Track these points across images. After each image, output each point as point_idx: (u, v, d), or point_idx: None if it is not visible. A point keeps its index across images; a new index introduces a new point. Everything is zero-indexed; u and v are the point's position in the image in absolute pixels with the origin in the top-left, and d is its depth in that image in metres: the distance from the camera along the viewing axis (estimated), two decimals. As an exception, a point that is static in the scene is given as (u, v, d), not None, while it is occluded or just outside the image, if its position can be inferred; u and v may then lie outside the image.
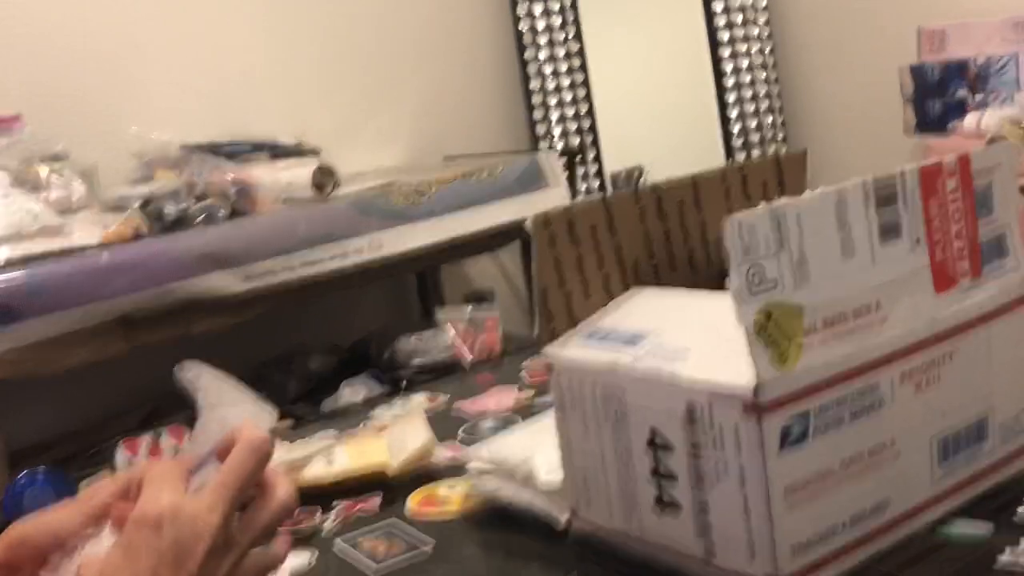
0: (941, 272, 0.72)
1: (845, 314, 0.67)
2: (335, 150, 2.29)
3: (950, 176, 0.73)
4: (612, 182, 2.64)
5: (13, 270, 1.52)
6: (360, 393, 1.69)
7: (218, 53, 2.25)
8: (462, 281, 2.59)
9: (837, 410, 0.66)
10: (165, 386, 0.66)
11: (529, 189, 2.08)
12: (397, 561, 0.81)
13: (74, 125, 2.04)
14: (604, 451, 0.74)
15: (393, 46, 2.50)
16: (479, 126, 2.63)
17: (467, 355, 1.83)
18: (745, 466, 0.64)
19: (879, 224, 0.69)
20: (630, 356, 0.71)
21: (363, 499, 0.95)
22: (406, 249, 1.91)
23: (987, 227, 0.75)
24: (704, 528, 0.68)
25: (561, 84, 2.63)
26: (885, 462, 0.69)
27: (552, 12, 2.62)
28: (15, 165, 1.71)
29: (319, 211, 1.82)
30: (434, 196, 1.96)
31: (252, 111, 2.28)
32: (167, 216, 1.72)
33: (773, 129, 2.74)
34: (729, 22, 2.71)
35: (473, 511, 0.89)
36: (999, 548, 0.69)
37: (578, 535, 0.79)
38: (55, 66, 2.04)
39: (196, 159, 1.89)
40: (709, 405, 0.65)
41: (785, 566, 0.65)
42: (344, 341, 2.27)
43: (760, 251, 0.63)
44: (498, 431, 1.06)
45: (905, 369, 0.70)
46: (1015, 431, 0.78)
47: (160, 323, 1.65)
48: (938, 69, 2.32)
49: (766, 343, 0.63)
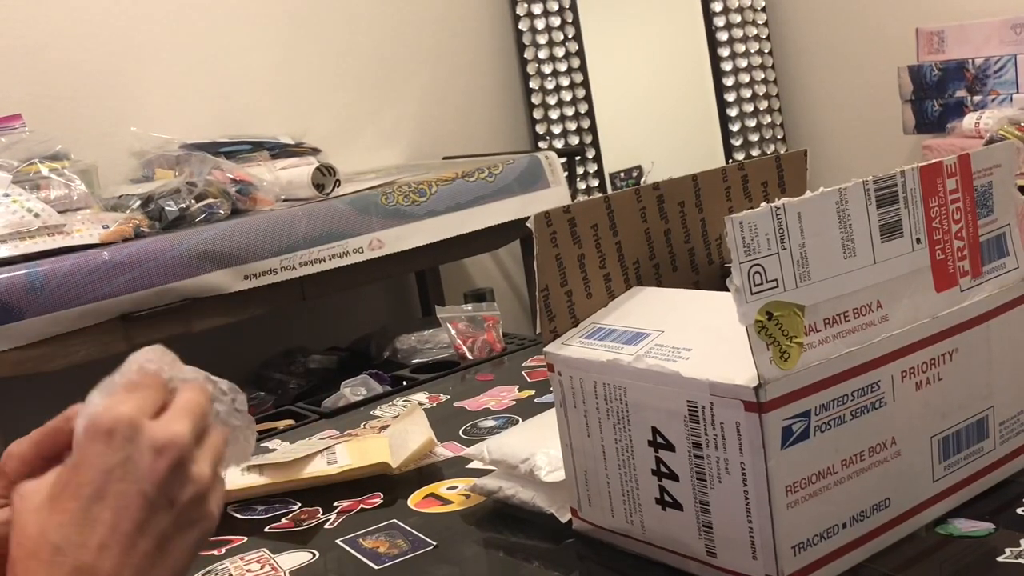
0: (941, 271, 0.72)
1: (846, 313, 0.67)
2: (335, 150, 2.29)
3: (950, 176, 0.73)
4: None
5: (14, 269, 1.52)
6: (360, 392, 1.69)
7: (218, 53, 2.25)
8: (462, 280, 2.59)
9: (838, 409, 0.66)
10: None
11: (529, 189, 2.08)
12: (398, 560, 0.81)
13: (74, 125, 2.04)
14: (605, 450, 0.74)
15: (393, 46, 2.50)
16: (479, 126, 2.64)
17: (467, 354, 1.83)
18: (746, 465, 0.64)
19: (880, 224, 0.69)
20: (631, 355, 0.71)
21: (364, 498, 0.95)
22: (406, 248, 1.91)
23: (987, 227, 0.76)
24: (705, 527, 0.69)
25: (561, 84, 2.63)
26: (886, 461, 0.70)
27: (552, 12, 2.62)
28: (15, 165, 1.71)
29: (319, 210, 1.82)
30: (434, 196, 1.96)
31: (252, 111, 2.29)
32: (167, 215, 1.72)
33: (773, 129, 2.75)
34: (728, 23, 2.71)
35: (474, 510, 0.89)
36: (999, 547, 0.69)
37: (579, 534, 0.80)
38: (55, 66, 2.04)
39: (196, 159, 1.89)
40: (710, 404, 0.65)
41: (786, 565, 0.65)
42: (344, 340, 2.27)
43: (761, 250, 0.63)
44: (499, 430, 1.07)
45: (906, 368, 0.70)
46: (1015, 430, 0.79)
47: (160, 322, 1.65)
48: (937, 70, 2.32)
49: (767, 342, 0.63)
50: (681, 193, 0.86)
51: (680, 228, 0.86)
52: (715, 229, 0.89)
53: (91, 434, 0.54)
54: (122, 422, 0.54)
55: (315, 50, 2.39)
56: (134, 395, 0.56)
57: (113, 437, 0.54)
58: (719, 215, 0.88)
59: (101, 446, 0.54)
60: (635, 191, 0.83)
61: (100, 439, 0.54)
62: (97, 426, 0.54)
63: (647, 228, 0.84)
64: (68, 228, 1.61)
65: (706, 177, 0.87)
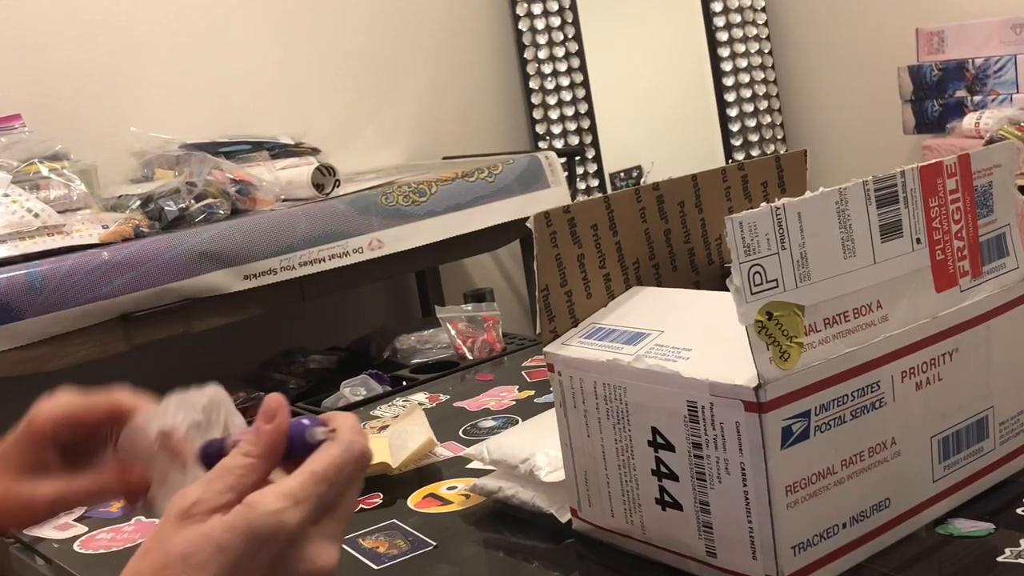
0: (941, 271, 0.72)
1: (846, 313, 0.67)
2: (335, 150, 2.29)
3: (950, 176, 0.73)
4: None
5: (13, 269, 1.52)
6: (360, 392, 1.69)
7: (218, 53, 2.25)
8: (462, 280, 2.59)
9: (838, 409, 0.66)
10: (166, 385, 0.66)
11: (529, 189, 2.08)
12: (398, 560, 0.81)
13: (74, 125, 2.04)
14: (605, 450, 0.74)
15: (393, 46, 2.50)
16: (479, 126, 2.64)
17: (467, 354, 1.83)
18: (746, 465, 0.64)
19: (880, 224, 0.69)
20: (631, 355, 0.71)
21: (364, 498, 0.95)
22: (406, 249, 1.91)
23: (987, 227, 0.76)
24: (705, 527, 0.69)
25: (561, 84, 2.63)
26: (886, 461, 0.70)
27: (552, 12, 2.62)
28: (15, 165, 1.71)
29: (319, 210, 1.82)
30: (434, 196, 1.96)
31: (252, 111, 2.29)
32: (167, 215, 1.72)
33: (773, 129, 2.75)
34: (728, 23, 2.71)
35: (474, 510, 0.89)
36: (999, 547, 0.69)
37: (579, 534, 0.80)
38: (55, 66, 2.04)
39: (196, 159, 1.89)
40: (710, 404, 0.65)
41: (786, 565, 0.65)
42: (344, 340, 2.27)
43: (761, 250, 0.63)
44: (499, 430, 1.07)
45: (906, 368, 0.70)
46: (1015, 430, 0.79)
47: (160, 322, 1.65)
48: (936, 70, 2.32)
49: (767, 342, 0.63)
50: (681, 193, 0.86)
51: (680, 228, 0.86)
52: (715, 229, 0.89)
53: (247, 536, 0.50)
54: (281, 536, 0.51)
55: (315, 50, 2.39)
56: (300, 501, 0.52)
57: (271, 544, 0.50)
58: (719, 215, 0.88)
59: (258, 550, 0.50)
60: (635, 191, 0.83)
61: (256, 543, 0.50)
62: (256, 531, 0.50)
63: (647, 228, 0.84)
64: (68, 228, 1.61)
65: (706, 177, 0.87)
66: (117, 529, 0.98)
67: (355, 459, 0.53)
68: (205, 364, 2.03)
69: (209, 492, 0.52)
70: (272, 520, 0.50)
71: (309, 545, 0.51)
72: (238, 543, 0.49)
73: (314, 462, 0.52)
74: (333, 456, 0.53)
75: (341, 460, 0.53)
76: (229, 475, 0.52)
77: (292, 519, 0.50)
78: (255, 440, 0.54)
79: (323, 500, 0.52)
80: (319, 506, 0.51)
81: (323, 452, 0.53)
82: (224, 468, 0.53)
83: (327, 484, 0.52)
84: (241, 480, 0.52)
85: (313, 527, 0.52)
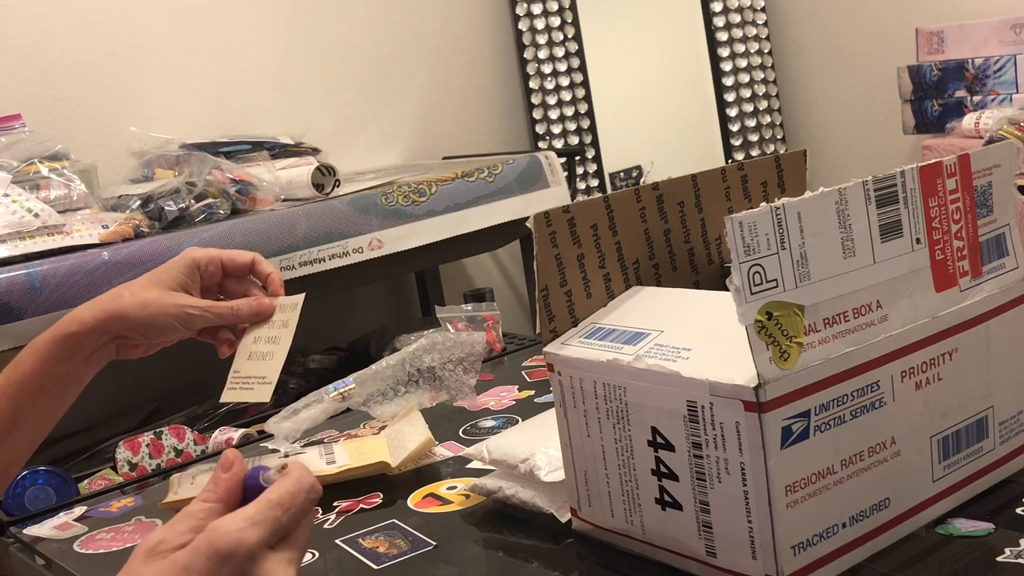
0: (941, 271, 0.72)
1: (846, 313, 0.67)
2: (335, 150, 2.29)
3: (950, 176, 0.73)
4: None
5: (13, 269, 1.52)
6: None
7: (218, 53, 2.25)
8: (462, 280, 2.59)
9: (838, 409, 0.66)
10: (166, 385, 0.66)
11: (529, 189, 2.08)
12: (398, 560, 0.81)
13: (74, 125, 2.04)
14: (605, 450, 0.74)
15: (393, 46, 2.50)
16: (479, 126, 2.64)
17: (467, 354, 1.83)
18: (746, 465, 0.64)
19: (879, 224, 0.69)
20: (631, 355, 0.71)
21: (363, 498, 0.95)
22: (406, 248, 1.91)
23: (987, 227, 0.76)
24: (705, 527, 0.69)
25: (561, 84, 2.63)
26: (885, 461, 0.70)
27: (552, 12, 2.62)
28: (15, 165, 1.71)
29: (319, 210, 1.82)
30: (434, 196, 1.96)
31: (252, 111, 2.29)
32: (167, 215, 1.72)
33: (773, 129, 2.75)
34: (728, 23, 2.71)
35: (474, 510, 0.89)
36: (999, 547, 0.69)
37: (579, 534, 0.80)
38: (55, 66, 2.04)
39: (196, 159, 1.89)
40: (710, 404, 0.65)
41: (786, 565, 0.65)
42: (344, 340, 2.27)
43: (761, 250, 0.63)
44: (498, 430, 1.07)
45: (905, 368, 0.70)
46: (1015, 430, 0.79)
47: (160, 322, 1.65)
48: (936, 70, 2.32)
49: (767, 342, 0.63)
50: (680, 193, 0.86)
51: (680, 228, 0.86)
52: (715, 229, 0.89)
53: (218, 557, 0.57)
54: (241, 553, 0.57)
55: (315, 50, 2.39)
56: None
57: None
58: (719, 215, 0.88)
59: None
60: (634, 191, 0.83)
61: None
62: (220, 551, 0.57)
63: (647, 228, 0.84)
64: (68, 228, 1.61)
65: (705, 177, 0.87)
66: (117, 529, 0.98)
67: (305, 489, 0.60)
68: (205, 364, 2.03)
69: (172, 533, 0.58)
70: (233, 538, 0.56)
71: (267, 565, 0.57)
72: (202, 562, 0.56)
73: (269, 492, 0.60)
74: (286, 486, 0.60)
75: (294, 488, 0.60)
76: (191, 518, 0.59)
77: (251, 537, 0.57)
78: (214, 488, 0.61)
79: (278, 524, 0.58)
80: (275, 530, 0.58)
81: (277, 484, 0.60)
82: (186, 513, 0.60)
83: (281, 509, 0.59)
84: (202, 523, 0.59)
85: (271, 551, 0.58)
